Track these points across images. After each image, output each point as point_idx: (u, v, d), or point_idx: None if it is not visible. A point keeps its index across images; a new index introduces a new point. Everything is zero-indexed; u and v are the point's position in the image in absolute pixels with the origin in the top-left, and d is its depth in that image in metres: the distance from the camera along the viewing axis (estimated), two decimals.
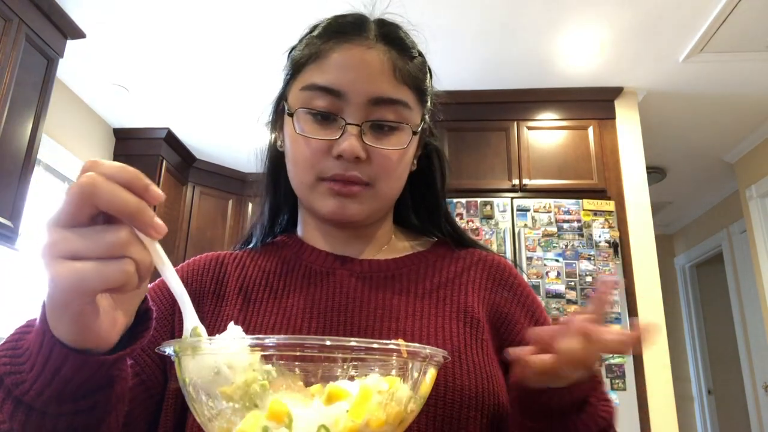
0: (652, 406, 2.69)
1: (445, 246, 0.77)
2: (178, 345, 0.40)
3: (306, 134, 0.64)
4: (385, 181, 0.66)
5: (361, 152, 0.63)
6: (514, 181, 3.10)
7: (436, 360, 0.43)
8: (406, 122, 0.66)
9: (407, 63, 0.67)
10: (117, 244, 0.38)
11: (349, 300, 0.66)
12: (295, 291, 0.67)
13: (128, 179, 0.39)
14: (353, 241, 0.73)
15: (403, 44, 0.69)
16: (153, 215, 0.40)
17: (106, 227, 0.38)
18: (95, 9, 2.59)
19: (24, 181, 2.36)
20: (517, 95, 3.23)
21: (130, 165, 0.41)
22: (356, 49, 0.65)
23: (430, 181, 0.78)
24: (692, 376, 5.16)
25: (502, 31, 2.72)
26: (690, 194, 4.75)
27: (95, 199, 0.37)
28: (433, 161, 0.78)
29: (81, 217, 0.38)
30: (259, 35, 2.75)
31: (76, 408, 0.43)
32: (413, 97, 0.67)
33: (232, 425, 0.38)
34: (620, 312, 2.74)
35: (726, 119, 3.48)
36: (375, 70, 0.64)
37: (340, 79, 0.64)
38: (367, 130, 0.64)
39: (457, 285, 0.70)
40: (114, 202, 0.38)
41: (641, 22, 2.62)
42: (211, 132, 3.81)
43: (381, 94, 0.64)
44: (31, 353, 0.42)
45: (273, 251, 0.74)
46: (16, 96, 2.27)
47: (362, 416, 0.37)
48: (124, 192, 0.38)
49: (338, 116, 0.64)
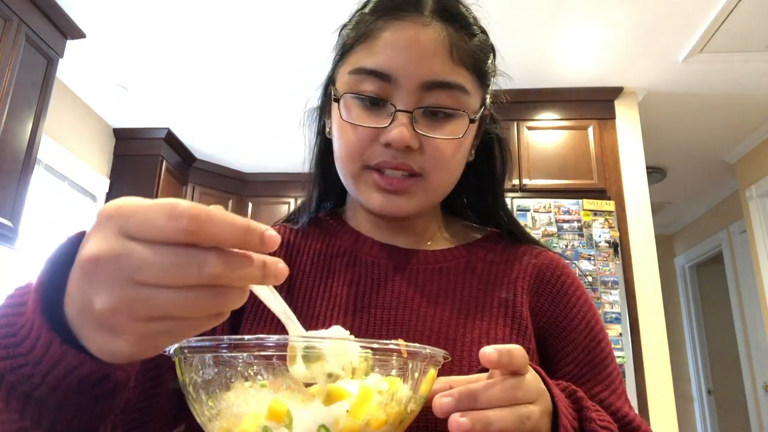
0: (652, 406, 2.69)
1: (497, 238, 0.71)
2: (178, 345, 0.40)
3: (353, 121, 0.60)
4: (438, 174, 0.61)
5: (412, 141, 0.58)
6: (514, 181, 3.09)
7: (436, 360, 0.43)
8: (463, 109, 0.60)
9: (466, 42, 0.61)
10: (223, 306, 0.32)
11: (394, 298, 0.62)
12: (340, 282, 0.64)
13: (242, 240, 0.31)
14: (400, 231, 0.69)
15: (464, 20, 0.62)
16: (275, 265, 0.33)
17: (211, 292, 0.31)
18: (95, 9, 2.59)
19: (24, 181, 2.36)
20: (517, 95, 3.23)
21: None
22: (409, 28, 0.59)
23: (489, 173, 0.72)
24: (692, 376, 5.15)
25: (501, 31, 2.71)
26: (690, 194, 4.75)
27: (226, 297, 0.32)
28: (494, 151, 0.72)
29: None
30: (259, 35, 2.75)
31: (98, 393, 0.38)
32: (472, 80, 0.62)
33: (232, 425, 0.38)
34: (620, 312, 2.74)
35: (726, 119, 3.48)
36: (429, 51, 0.58)
37: (391, 62, 0.58)
38: (420, 117, 0.59)
39: (506, 284, 0.65)
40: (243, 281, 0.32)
41: (641, 22, 2.62)
42: (211, 132, 3.81)
43: (435, 77, 0.58)
44: (37, 350, 0.35)
45: (319, 234, 0.71)
46: (16, 96, 2.27)
47: (362, 416, 0.37)
48: (250, 268, 0.32)
49: (388, 102, 0.59)
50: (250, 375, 0.40)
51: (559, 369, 0.63)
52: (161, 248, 0.30)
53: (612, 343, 2.56)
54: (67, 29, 2.57)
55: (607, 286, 2.78)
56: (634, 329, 2.79)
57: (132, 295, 0.30)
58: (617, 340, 2.69)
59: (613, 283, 2.79)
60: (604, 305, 2.75)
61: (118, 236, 0.31)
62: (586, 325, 0.64)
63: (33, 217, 2.80)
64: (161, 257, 0.30)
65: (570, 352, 0.63)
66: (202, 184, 4.20)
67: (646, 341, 2.79)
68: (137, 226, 0.30)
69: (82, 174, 3.37)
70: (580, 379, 0.62)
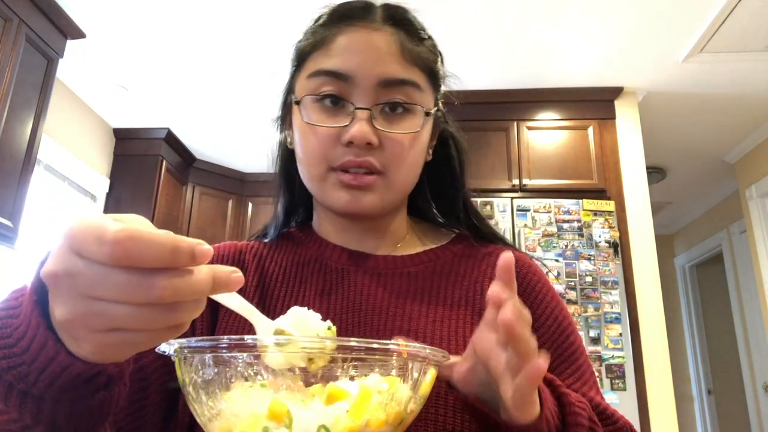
0: (652, 406, 2.69)
1: (465, 241, 0.73)
2: (178, 345, 0.40)
3: (313, 122, 0.62)
4: (399, 169, 0.63)
5: (373, 137, 0.60)
6: (514, 181, 3.10)
7: (436, 360, 0.43)
8: (418, 104, 0.63)
9: (416, 45, 0.65)
10: (180, 319, 0.33)
11: (363, 300, 0.64)
12: (310, 289, 0.66)
13: (171, 260, 0.31)
14: (368, 235, 0.70)
15: (412, 26, 0.66)
16: (227, 275, 0.34)
17: (165, 307, 0.32)
18: (95, 9, 2.59)
19: (24, 181, 2.36)
20: (517, 95, 3.23)
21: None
22: (362, 32, 0.63)
23: (447, 170, 0.74)
24: (692, 376, 5.16)
25: (501, 31, 2.72)
26: (690, 194, 4.75)
27: (178, 311, 0.32)
28: (450, 148, 0.74)
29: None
30: (259, 35, 2.75)
31: (93, 387, 0.39)
32: (424, 78, 0.65)
33: (232, 425, 0.38)
34: (620, 312, 2.74)
35: (726, 119, 3.48)
36: (382, 52, 0.62)
37: (347, 62, 0.61)
38: (378, 114, 0.62)
39: (473, 285, 0.66)
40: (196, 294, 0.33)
41: (641, 22, 2.62)
42: (211, 132, 3.81)
43: (390, 75, 0.61)
44: (32, 349, 0.37)
45: (289, 245, 0.72)
46: (16, 96, 2.28)
47: (362, 416, 0.37)
48: (200, 284, 0.32)
49: (347, 101, 0.61)
50: (250, 375, 0.40)
51: None
52: (110, 269, 0.31)
53: (612, 344, 2.53)
54: (67, 29, 2.57)
55: (607, 286, 2.78)
56: (634, 329, 2.78)
57: (87, 310, 0.32)
58: (617, 340, 2.69)
59: (613, 283, 2.79)
60: (604, 305, 2.75)
61: (71, 254, 0.32)
62: (554, 320, 0.65)
63: (33, 217, 2.80)
64: (112, 277, 0.31)
65: (539, 347, 0.63)
66: (202, 184, 4.20)
67: (646, 341, 2.79)
68: (79, 248, 0.31)
69: (82, 174, 3.37)
70: (551, 373, 0.62)
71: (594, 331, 2.70)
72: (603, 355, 2.67)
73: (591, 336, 2.70)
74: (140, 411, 0.56)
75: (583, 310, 2.74)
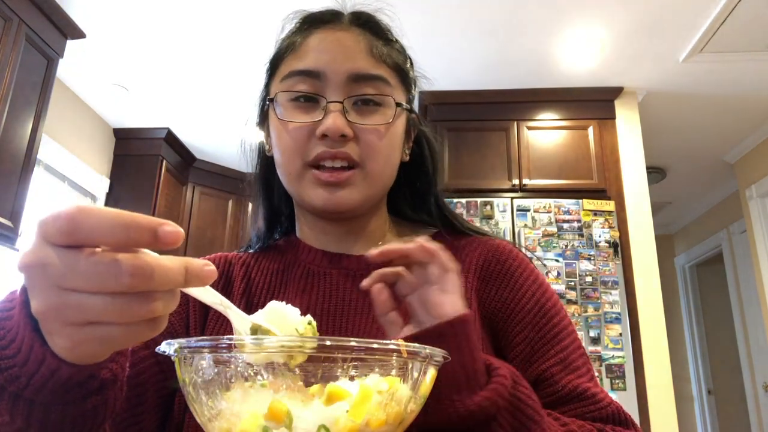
0: (652, 406, 2.69)
1: (443, 238, 0.72)
2: (178, 345, 0.40)
3: (288, 119, 0.64)
4: (375, 160, 0.64)
5: (347, 128, 0.62)
6: (514, 181, 3.10)
7: (436, 360, 0.43)
8: (389, 96, 0.65)
9: (384, 44, 0.68)
10: (155, 312, 0.32)
11: (343, 302, 0.65)
12: (293, 293, 0.67)
13: (126, 237, 0.31)
14: (347, 236, 0.71)
15: (379, 28, 0.69)
16: (200, 268, 0.34)
17: (138, 298, 0.31)
18: (95, 9, 2.59)
19: (24, 181, 2.36)
20: (517, 95, 3.24)
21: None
22: (332, 33, 0.66)
23: (422, 170, 0.76)
24: (692, 376, 5.16)
25: (502, 31, 2.72)
26: (690, 194, 4.75)
27: (152, 283, 0.31)
28: (423, 148, 0.76)
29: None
30: (259, 35, 2.75)
31: (85, 392, 0.40)
32: (394, 75, 0.67)
33: (232, 425, 0.38)
34: (620, 312, 2.74)
35: (726, 119, 3.48)
36: (352, 49, 0.65)
37: (318, 61, 0.64)
38: (350, 108, 0.64)
39: None
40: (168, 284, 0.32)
41: (641, 22, 2.62)
42: (211, 132, 3.81)
43: (360, 70, 0.64)
44: (22, 352, 0.37)
45: (274, 253, 0.74)
46: (16, 96, 2.28)
47: (362, 416, 0.37)
48: (170, 273, 0.32)
49: (320, 96, 0.63)
50: (250, 375, 0.40)
51: (511, 350, 0.62)
52: (80, 256, 0.30)
53: (612, 344, 2.52)
54: (67, 29, 2.57)
55: (607, 286, 2.78)
56: (634, 329, 2.79)
57: (60, 301, 0.31)
58: (617, 340, 2.69)
59: (613, 283, 2.79)
60: (604, 305, 2.75)
61: (43, 244, 0.32)
62: (536, 303, 0.64)
63: (33, 217, 2.80)
64: (82, 266, 0.30)
65: (519, 332, 0.63)
66: (202, 184, 4.20)
67: (646, 341, 2.79)
68: (45, 234, 0.31)
69: (82, 174, 3.37)
70: (531, 357, 0.61)
71: (594, 331, 2.71)
72: (603, 355, 2.67)
73: (591, 336, 2.70)
74: (138, 416, 0.57)
75: (583, 310, 2.74)
